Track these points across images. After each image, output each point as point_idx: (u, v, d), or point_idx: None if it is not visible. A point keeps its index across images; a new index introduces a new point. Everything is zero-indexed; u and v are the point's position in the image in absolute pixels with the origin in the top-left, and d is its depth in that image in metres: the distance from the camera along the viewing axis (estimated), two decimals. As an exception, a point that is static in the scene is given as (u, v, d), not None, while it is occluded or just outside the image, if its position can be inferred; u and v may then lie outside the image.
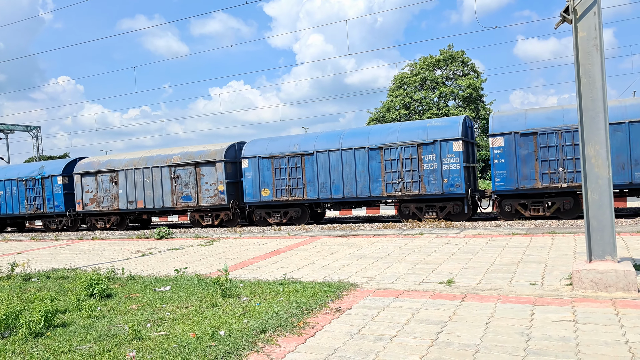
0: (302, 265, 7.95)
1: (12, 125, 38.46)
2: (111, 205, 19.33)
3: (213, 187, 17.18)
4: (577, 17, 5.28)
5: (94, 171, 19.67)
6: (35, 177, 20.93)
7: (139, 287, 6.86)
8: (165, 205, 18.10)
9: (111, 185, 19.25)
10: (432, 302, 5.09)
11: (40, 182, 20.90)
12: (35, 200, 21.04)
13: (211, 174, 17.17)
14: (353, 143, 15.18)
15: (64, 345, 4.35)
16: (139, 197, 18.71)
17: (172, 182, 17.93)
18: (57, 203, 20.59)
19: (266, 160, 16.42)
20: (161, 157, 18.44)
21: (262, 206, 16.71)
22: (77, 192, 20.07)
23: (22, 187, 21.44)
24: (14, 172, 22.14)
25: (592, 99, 5.23)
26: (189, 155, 17.78)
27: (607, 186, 5.16)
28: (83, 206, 19.90)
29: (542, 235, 9.52)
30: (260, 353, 3.90)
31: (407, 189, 14.49)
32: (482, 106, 41.48)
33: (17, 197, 21.66)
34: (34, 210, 21.09)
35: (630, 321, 4.11)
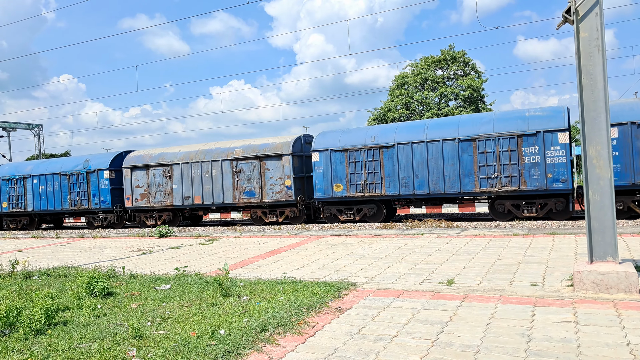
0: (302, 265, 7.94)
1: (14, 123, 38.49)
2: (164, 200, 18.25)
3: (279, 182, 16.26)
4: (579, 18, 5.27)
5: (145, 165, 18.62)
6: (79, 171, 19.84)
7: (140, 285, 6.87)
8: (226, 201, 17.02)
9: (165, 179, 18.21)
10: (433, 303, 5.08)
11: (85, 177, 19.84)
12: (80, 196, 19.98)
13: (277, 168, 16.29)
14: (440, 134, 14.11)
15: (65, 343, 4.35)
16: (196, 192, 17.66)
17: (234, 177, 16.93)
18: (103, 199, 19.52)
19: (339, 154, 15.42)
20: (221, 150, 17.39)
21: (333, 202, 15.76)
22: (126, 187, 19.07)
23: (64, 182, 20.31)
24: (56, 166, 20.99)
25: (594, 100, 5.22)
26: (252, 148, 16.81)
27: (608, 187, 5.15)
28: (132, 202, 18.94)
29: (543, 235, 9.51)
30: (260, 352, 3.90)
31: (504, 184, 13.32)
32: (482, 106, 41.44)
33: (60, 192, 20.51)
34: (78, 206, 20.05)
35: (631, 323, 4.10)
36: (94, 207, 19.76)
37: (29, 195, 21.42)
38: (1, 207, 21.97)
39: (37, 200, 21.19)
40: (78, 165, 20.17)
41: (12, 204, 21.84)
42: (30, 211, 21.41)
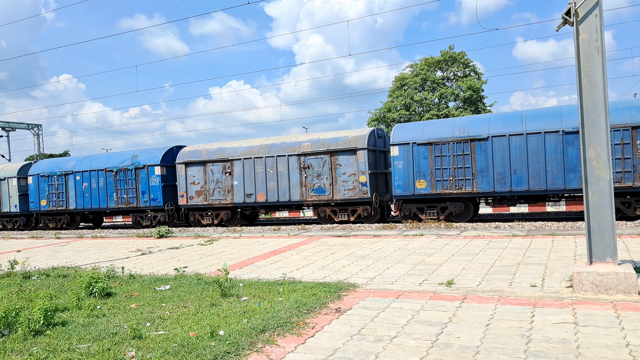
0: (302, 265, 7.94)
1: (13, 123, 38.45)
2: (223, 198, 17.01)
3: (352, 179, 15.19)
4: (579, 20, 5.28)
5: (202, 160, 17.37)
6: (127, 167, 18.57)
7: (139, 286, 6.86)
8: (293, 198, 15.94)
9: (224, 176, 16.98)
10: (432, 303, 5.09)
11: (133, 173, 18.49)
12: (127, 193, 18.62)
13: (350, 164, 15.21)
14: (541, 126, 13.01)
15: (64, 343, 4.34)
16: (259, 189, 16.51)
17: (302, 173, 15.84)
18: (153, 196, 18.12)
19: (422, 147, 14.22)
20: (287, 144, 16.29)
21: (415, 200, 14.60)
22: (181, 183, 17.82)
23: (110, 179, 19.04)
24: (101, 161, 19.72)
25: (593, 101, 5.23)
26: (322, 142, 15.69)
27: (607, 188, 5.16)
28: (187, 199, 17.66)
29: (542, 237, 9.52)
30: (259, 353, 3.90)
31: (616, 180, 12.24)
32: (482, 107, 41.47)
33: (105, 189, 19.21)
34: (125, 204, 18.69)
35: (630, 324, 4.10)
36: (143, 205, 18.41)
37: (71, 192, 20.12)
38: (40, 206, 20.80)
39: (79, 198, 19.90)
40: (125, 161, 18.89)
41: (52, 202, 20.53)
42: (72, 209, 20.14)
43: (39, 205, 20.97)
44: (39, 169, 21.11)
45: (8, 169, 22.32)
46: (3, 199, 22.01)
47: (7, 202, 21.99)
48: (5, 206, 22.06)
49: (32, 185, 21.06)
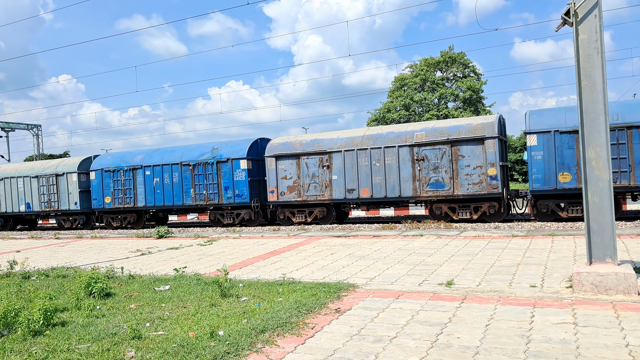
0: (301, 266, 7.94)
1: (13, 124, 38.44)
2: (320, 194, 15.55)
3: (478, 172, 13.57)
4: (578, 20, 5.28)
5: (295, 153, 15.90)
6: (207, 160, 17.05)
7: (138, 286, 6.86)
8: (404, 194, 14.49)
9: (321, 170, 15.52)
10: (432, 304, 5.08)
11: (214, 167, 16.94)
12: (207, 189, 17.08)
13: (475, 155, 13.58)
14: None
15: (63, 344, 4.34)
16: (363, 184, 14.98)
17: (414, 166, 14.35)
18: (238, 192, 16.65)
19: (566, 136, 12.58)
20: (396, 134, 14.78)
21: (555, 195, 13.06)
22: (270, 179, 16.32)
23: (186, 173, 17.46)
24: (175, 155, 18.01)
25: (593, 102, 5.23)
26: (439, 131, 14.15)
27: (607, 189, 5.16)
28: (278, 195, 16.22)
29: (542, 237, 9.52)
30: (259, 353, 3.90)
31: None
32: (482, 108, 41.50)
33: (180, 184, 17.60)
34: (205, 200, 17.13)
35: (630, 324, 4.10)
36: (225, 202, 16.87)
37: (140, 188, 18.49)
38: (103, 203, 19.30)
39: (150, 195, 18.29)
40: (205, 154, 17.29)
41: (118, 199, 18.99)
42: (141, 207, 18.58)
43: (102, 202, 19.42)
44: (102, 164, 19.59)
45: (67, 164, 20.57)
46: (61, 196, 20.33)
47: (66, 199, 20.25)
48: (63, 204, 20.32)
49: (95, 181, 19.59)
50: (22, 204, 21.65)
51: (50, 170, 20.75)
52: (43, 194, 20.94)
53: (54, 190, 20.62)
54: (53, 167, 20.78)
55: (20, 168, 22.16)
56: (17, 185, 21.70)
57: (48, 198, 20.76)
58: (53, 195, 20.68)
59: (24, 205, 21.57)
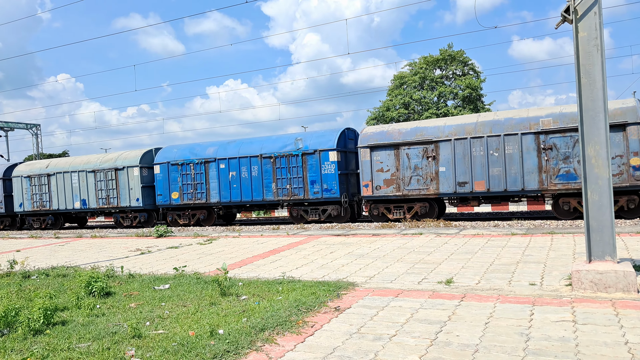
0: (301, 264, 7.95)
1: (12, 123, 38.41)
2: (424, 187, 14.17)
3: (617, 162, 12.26)
4: (578, 17, 5.28)
5: (394, 143, 14.47)
6: (291, 152, 15.75)
7: (138, 285, 6.86)
8: (527, 186, 13.06)
9: (425, 161, 14.13)
10: (431, 302, 5.09)
11: (299, 159, 15.64)
12: (291, 183, 15.73)
13: (614, 143, 12.23)
14: None
15: (63, 343, 4.34)
16: (477, 176, 13.52)
17: (540, 155, 12.93)
18: (327, 186, 15.31)
19: None
20: (517, 121, 13.32)
21: None
22: (364, 171, 14.87)
23: (267, 167, 16.18)
24: (253, 147, 16.65)
25: (593, 99, 5.23)
26: (569, 117, 12.67)
27: (607, 187, 5.16)
28: (372, 190, 14.77)
29: (541, 235, 9.53)
30: (259, 352, 3.90)
31: None
32: (481, 106, 41.50)
33: (261, 179, 16.26)
34: (288, 195, 15.76)
35: (629, 322, 4.11)
36: (312, 197, 15.55)
37: (212, 183, 17.03)
38: (170, 198, 17.79)
39: (224, 190, 16.82)
40: (287, 145, 16.02)
41: (187, 195, 17.50)
42: (214, 202, 17.08)
43: (168, 198, 17.86)
44: (168, 157, 18.05)
45: (128, 157, 19.03)
46: (121, 192, 18.78)
47: (127, 195, 18.70)
48: (123, 200, 18.77)
49: (160, 175, 18.05)
50: (77, 200, 19.93)
51: (109, 164, 19.23)
52: (101, 190, 19.35)
53: (113, 185, 19.02)
54: (112, 161, 19.33)
55: (74, 162, 20.52)
56: (72, 181, 20.04)
57: (106, 194, 19.18)
58: (112, 191, 19.07)
59: (79, 202, 19.88)
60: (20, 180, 21.46)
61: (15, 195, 21.66)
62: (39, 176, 20.92)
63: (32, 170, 21.33)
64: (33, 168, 21.50)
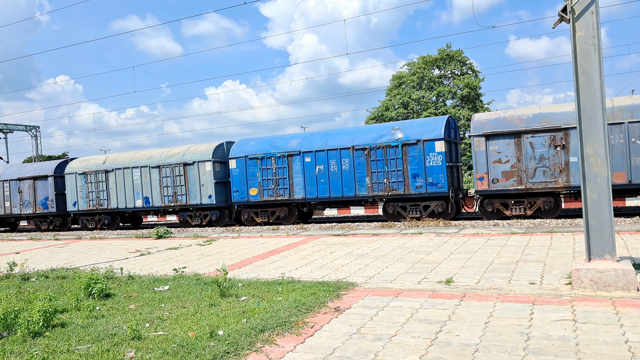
0: (300, 265, 7.94)
1: (11, 125, 38.38)
2: (551, 180, 12.73)
3: None
4: (575, 17, 5.28)
5: (514, 131, 13.03)
6: (389, 143, 14.47)
7: (138, 286, 6.85)
8: None
9: (552, 150, 12.68)
10: (431, 302, 5.09)
11: (399, 151, 14.37)
12: (388, 177, 14.40)
13: None
14: None
15: (63, 345, 4.34)
16: (615, 167, 12.05)
17: None
18: (432, 180, 14.02)
19: None
20: None
21: None
22: (479, 163, 13.45)
23: (361, 159, 14.91)
24: (344, 138, 15.43)
25: (590, 98, 5.23)
26: None
27: (606, 185, 5.16)
28: (489, 183, 13.37)
29: (541, 234, 9.53)
30: (259, 353, 3.90)
31: None
32: (480, 105, 41.53)
33: (352, 173, 14.94)
34: (385, 190, 14.49)
35: (629, 320, 4.11)
36: (414, 192, 14.26)
37: (297, 178, 15.79)
38: (247, 195, 16.56)
39: (311, 185, 15.58)
40: (384, 136, 14.70)
41: (267, 191, 16.22)
42: (298, 199, 15.75)
43: (246, 195, 16.56)
44: (245, 150, 16.79)
45: (199, 151, 17.75)
46: (190, 188, 17.55)
47: (197, 191, 17.45)
48: (193, 197, 17.49)
49: (237, 170, 16.74)
50: (139, 198, 18.56)
51: (176, 159, 17.91)
52: (167, 187, 17.98)
53: (181, 181, 17.70)
54: (179, 155, 18.04)
55: (135, 157, 19.20)
56: (133, 177, 18.69)
57: (173, 191, 17.82)
58: (180, 188, 17.73)
59: (141, 199, 18.50)
60: (74, 178, 20.05)
61: (69, 193, 20.23)
62: (95, 173, 19.57)
63: (87, 167, 19.95)
64: (89, 164, 20.15)
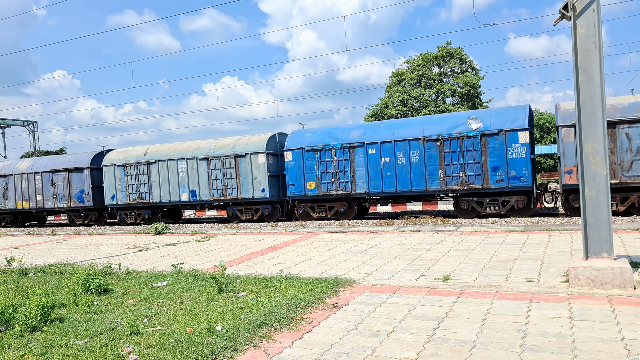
0: (298, 261, 7.95)
1: (8, 120, 38.27)
2: None
3: None
4: (576, 14, 5.27)
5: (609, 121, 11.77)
6: (465, 134, 13.61)
7: (136, 282, 6.85)
8: None
9: None
10: (429, 299, 5.10)
11: (477, 142, 13.50)
12: (465, 170, 13.56)
13: None
14: None
15: (61, 339, 4.34)
16: None
17: None
18: (514, 173, 13.11)
19: None
20: None
21: None
22: (567, 154, 12.51)
23: (433, 151, 13.98)
24: (413, 128, 14.46)
25: (591, 96, 5.23)
26: None
27: (604, 184, 5.17)
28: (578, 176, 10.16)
29: (539, 232, 9.55)
30: (257, 348, 3.90)
31: None
32: (479, 103, 41.52)
33: (423, 165, 14.09)
34: (461, 184, 13.60)
35: (626, 318, 4.13)
36: (493, 186, 13.46)
37: (359, 171, 14.91)
38: (304, 189, 15.64)
39: (375, 179, 14.72)
40: (459, 126, 13.83)
41: (326, 184, 15.35)
42: (360, 193, 14.90)
43: (303, 188, 15.65)
44: (302, 142, 15.87)
45: (251, 142, 16.90)
46: (242, 181, 16.71)
47: (249, 185, 16.59)
48: (245, 191, 16.67)
49: (293, 163, 15.87)
50: (185, 191, 17.72)
51: (226, 151, 17.05)
52: (215, 180, 17.07)
53: (232, 174, 16.83)
54: (230, 147, 17.16)
55: (180, 149, 18.22)
56: (178, 169, 17.80)
57: (223, 184, 16.93)
58: (230, 181, 16.86)
59: (187, 193, 17.65)
60: (112, 170, 19.15)
61: (107, 186, 19.36)
62: (136, 165, 18.58)
63: (127, 158, 18.96)
64: (128, 156, 19.13)
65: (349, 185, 15.13)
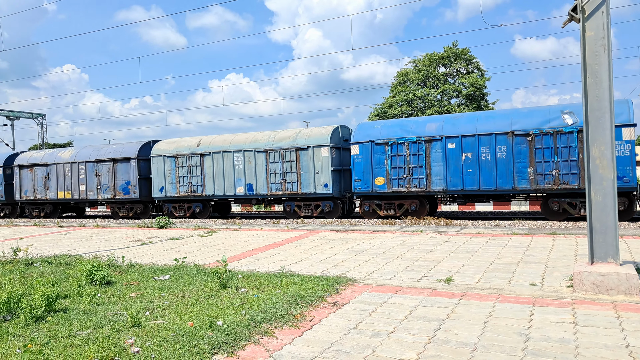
0: (300, 259, 7.95)
1: (17, 112, 38.51)
2: None
3: None
4: (585, 17, 5.22)
5: None
6: (560, 129, 12.54)
7: (139, 275, 6.89)
8: None
9: None
10: (430, 300, 5.09)
11: (573, 138, 12.43)
12: (559, 168, 12.51)
13: None
14: None
15: (65, 330, 4.37)
16: None
17: None
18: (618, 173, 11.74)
19: None
20: None
21: None
22: None
23: (522, 147, 12.91)
24: (498, 122, 13.38)
25: (599, 99, 5.18)
26: None
27: (611, 188, 5.13)
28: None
29: (543, 235, 9.50)
30: (257, 344, 3.91)
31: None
32: (485, 104, 41.31)
33: (511, 162, 13.03)
34: (553, 183, 12.58)
35: (631, 325, 4.09)
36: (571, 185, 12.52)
37: (436, 167, 13.88)
38: (372, 185, 14.70)
39: (454, 175, 13.69)
40: (552, 120, 12.77)
41: (397, 180, 14.33)
42: (437, 191, 13.95)
43: (370, 184, 14.69)
44: (370, 134, 14.87)
45: (312, 135, 15.93)
46: (302, 175, 15.80)
47: (310, 180, 15.68)
48: (306, 186, 15.77)
49: (360, 157, 14.87)
50: (240, 185, 16.93)
51: (286, 143, 16.16)
52: (274, 173, 16.29)
53: (292, 168, 15.97)
54: (290, 139, 16.22)
55: (235, 140, 17.31)
56: (234, 162, 16.97)
57: (282, 178, 16.13)
58: (290, 175, 15.99)
59: (243, 186, 16.86)
60: (162, 161, 18.20)
61: (155, 177, 18.40)
62: (188, 156, 17.69)
63: (178, 149, 18.08)
64: (179, 146, 18.22)
65: (423, 182, 14.11)
